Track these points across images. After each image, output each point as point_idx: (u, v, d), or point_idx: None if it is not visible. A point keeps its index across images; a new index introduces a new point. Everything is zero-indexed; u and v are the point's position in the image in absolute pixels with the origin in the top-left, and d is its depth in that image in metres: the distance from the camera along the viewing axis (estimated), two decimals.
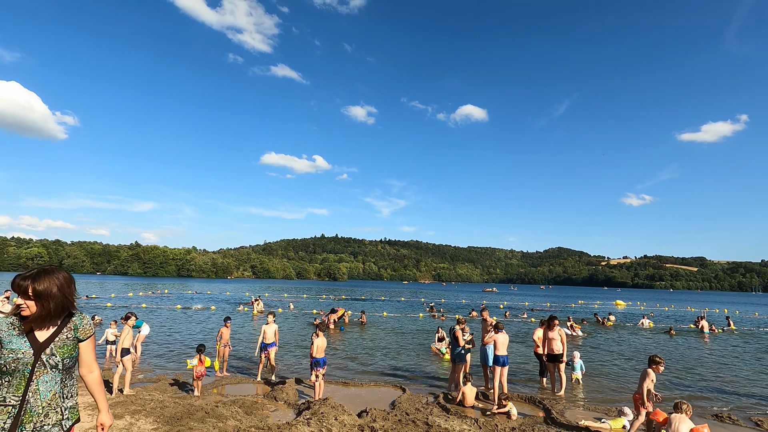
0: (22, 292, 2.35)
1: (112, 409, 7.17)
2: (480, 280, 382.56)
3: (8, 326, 2.38)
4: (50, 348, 2.40)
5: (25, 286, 2.35)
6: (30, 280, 2.37)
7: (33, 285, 2.36)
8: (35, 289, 2.36)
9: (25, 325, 2.38)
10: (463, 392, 8.81)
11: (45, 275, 2.41)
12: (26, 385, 2.31)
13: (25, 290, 2.36)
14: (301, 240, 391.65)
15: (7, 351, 2.30)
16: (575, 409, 8.75)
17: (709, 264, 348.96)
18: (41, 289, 2.37)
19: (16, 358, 2.30)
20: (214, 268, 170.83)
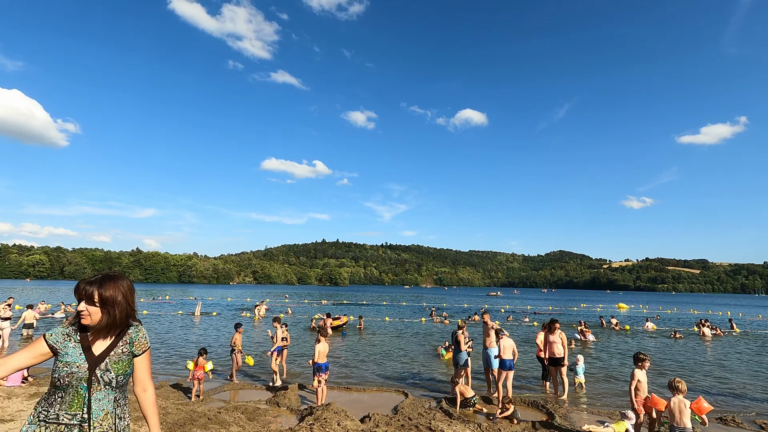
0: (88, 298, 2.12)
1: None
2: (481, 284, 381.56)
3: (64, 337, 2.13)
4: (105, 363, 2.14)
5: (90, 291, 2.12)
6: (96, 286, 2.14)
7: (99, 291, 2.13)
8: (102, 296, 2.13)
9: (83, 338, 2.15)
10: (459, 391, 8.81)
11: (110, 281, 2.20)
12: (81, 403, 2.07)
13: (91, 296, 2.12)
14: (302, 245, 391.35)
15: (62, 363, 2.07)
16: (578, 413, 8.71)
17: (712, 266, 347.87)
18: (108, 296, 2.15)
19: (71, 372, 2.06)
20: (216, 274, 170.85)
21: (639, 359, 6.97)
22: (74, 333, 2.15)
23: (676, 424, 5.82)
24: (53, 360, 2.11)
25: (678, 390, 5.99)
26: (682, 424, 5.79)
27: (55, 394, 2.07)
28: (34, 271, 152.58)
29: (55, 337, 2.11)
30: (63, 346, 2.10)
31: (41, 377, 10.49)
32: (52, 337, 2.11)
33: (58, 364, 2.07)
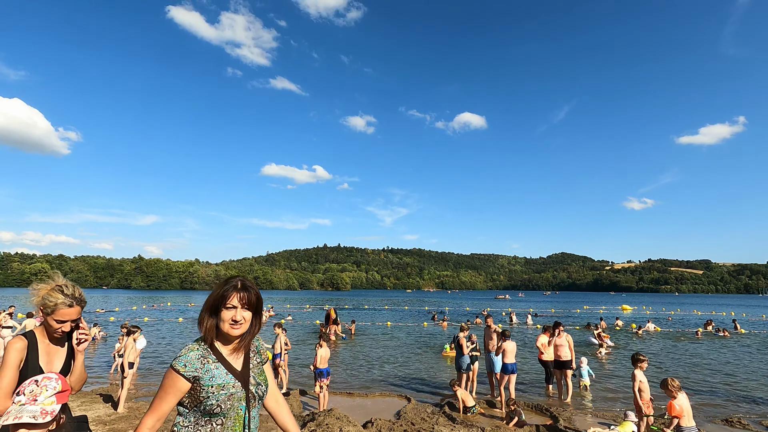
0: (249, 303, 1.86)
1: (114, 424, 7.14)
2: (484, 287, 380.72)
3: (200, 360, 1.79)
4: (252, 376, 1.92)
5: (252, 296, 1.87)
6: (253, 290, 1.89)
7: (257, 295, 1.90)
8: (258, 300, 1.90)
9: (218, 354, 1.85)
10: (460, 398, 8.76)
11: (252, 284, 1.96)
12: (242, 425, 1.84)
13: (251, 299, 1.87)
14: (303, 250, 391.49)
15: (214, 388, 1.76)
16: (583, 416, 8.64)
17: (715, 267, 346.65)
18: (260, 301, 1.92)
19: (230, 393, 1.79)
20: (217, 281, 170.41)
21: (638, 360, 6.99)
22: (208, 352, 1.83)
23: (684, 425, 5.77)
24: (192, 390, 1.77)
25: (680, 389, 5.96)
26: (691, 423, 5.77)
27: (212, 422, 1.78)
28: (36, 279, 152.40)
29: (191, 365, 1.76)
30: (205, 370, 1.78)
31: None
32: (187, 368, 1.75)
33: (209, 390, 1.75)
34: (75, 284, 2.43)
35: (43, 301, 2.31)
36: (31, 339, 2.37)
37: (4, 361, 2.23)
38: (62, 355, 2.45)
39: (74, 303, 2.37)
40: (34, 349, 2.34)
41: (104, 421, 7.25)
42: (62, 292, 2.33)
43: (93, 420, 7.24)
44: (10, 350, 2.27)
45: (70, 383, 2.44)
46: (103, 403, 8.59)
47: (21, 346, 2.31)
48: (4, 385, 2.21)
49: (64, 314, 2.33)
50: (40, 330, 2.42)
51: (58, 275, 2.45)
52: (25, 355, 2.30)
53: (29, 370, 2.29)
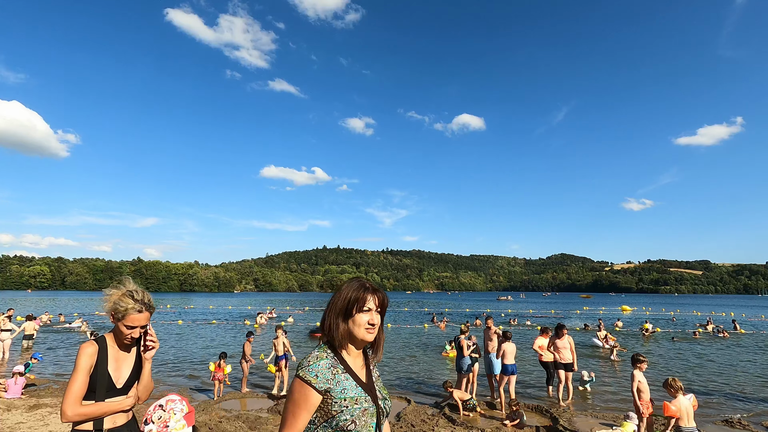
0: (381, 304, 1.68)
1: None
2: (483, 288, 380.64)
3: (330, 369, 1.55)
4: (378, 389, 1.69)
5: (383, 298, 1.69)
6: (382, 291, 1.72)
7: (385, 296, 1.72)
8: (386, 303, 1.71)
9: (353, 359, 1.66)
10: (457, 399, 8.74)
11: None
12: None
13: (384, 302, 1.69)
14: (303, 252, 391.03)
15: (348, 401, 1.52)
16: (583, 418, 8.63)
17: (714, 267, 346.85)
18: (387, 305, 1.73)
19: (364, 408, 1.55)
20: (217, 282, 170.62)
21: (637, 361, 7.00)
22: (336, 361, 1.59)
23: (683, 425, 5.77)
24: (322, 403, 1.52)
25: (681, 390, 5.94)
26: (691, 424, 5.76)
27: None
28: (36, 282, 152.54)
29: (323, 375, 1.52)
30: (336, 381, 1.53)
31: (41, 388, 10.43)
32: (319, 378, 1.51)
33: (342, 403, 1.51)
34: (145, 290, 2.40)
35: (114, 306, 2.27)
36: (101, 344, 2.31)
37: (76, 365, 2.20)
38: (130, 362, 2.40)
39: (144, 308, 2.33)
40: (104, 355, 2.29)
41: None
42: (132, 298, 2.29)
43: None
44: (81, 354, 2.21)
45: (138, 392, 2.41)
46: None
47: (92, 350, 2.25)
48: (75, 389, 2.15)
49: (134, 320, 2.29)
50: (110, 336, 2.37)
51: (129, 280, 2.42)
52: (95, 361, 2.24)
53: (98, 376, 2.24)
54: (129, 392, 2.37)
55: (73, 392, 2.15)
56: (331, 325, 1.64)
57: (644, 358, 7.06)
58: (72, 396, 2.14)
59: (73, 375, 2.19)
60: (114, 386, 2.29)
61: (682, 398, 5.87)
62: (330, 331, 1.64)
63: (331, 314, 1.65)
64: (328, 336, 1.65)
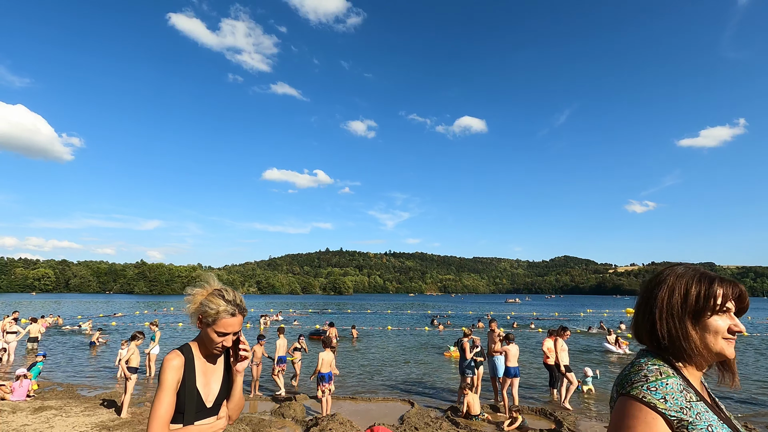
0: (739, 300, 1.25)
1: (118, 429, 7.13)
2: (486, 290, 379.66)
3: (682, 393, 1.09)
4: (738, 426, 1.25)
5: (740, 290, 1.25)
6: None
7: None
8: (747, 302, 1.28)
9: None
10: (467, 403, 8.71)
11: None
12: None
13: (742, 297, 1.25)
14: (305, 254, 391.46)
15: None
16: (587, 421, 8.59)
17: (719, 269, 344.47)
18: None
19: None
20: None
21: None
22: (685, 382, 1.14)
23: None
24: None
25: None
26: None
27: None
28: (40, 284, 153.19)
29: (674, 401, 1.06)
30: (695, 413, 1.07)
31: (46, 390, 10.47)
32: (668, 404, 1.06)
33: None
34: (234, 288, 2.03)
35: (202, 308, 1.90)
36: (187, 355, 1.90)
37: (161, 381, 1.80)
38: (219, 375, 1.98)
39: (237, 311, 1.93)
40: (191, 368, 1.89)
41: (108, 426, 7.25)
42: (223, 298, 1.92)
43: (96, 425, 7.25)
44: (167, 368, 1.81)
45: (228, 411, 2.01)
46: (107, 408, 8.59)
47: (178, 363, 1.84)
48: (162, 412, 1.75)
49: (226, 325, 1.89)
50: (195, 344, 1.96)
51: (213, 278, 2.06)
52: (182, 375, 1.84)
53: (186, 393, 1.84)
54: (219, 412, 1.96)
55: (160, 415, 1.74)
56: (674, 331, 1.16)
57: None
58: (159, 420, 1.73)
59: (158, 394, 1.78)
60: (204, 405, 1.89)
61: None
62: (672, 341, 1.16)
63: (668, 317, 1.17)
64: (664, 348, 1.18)
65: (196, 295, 1.96)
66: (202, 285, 2.00)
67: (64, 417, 7.73)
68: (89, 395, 10.20)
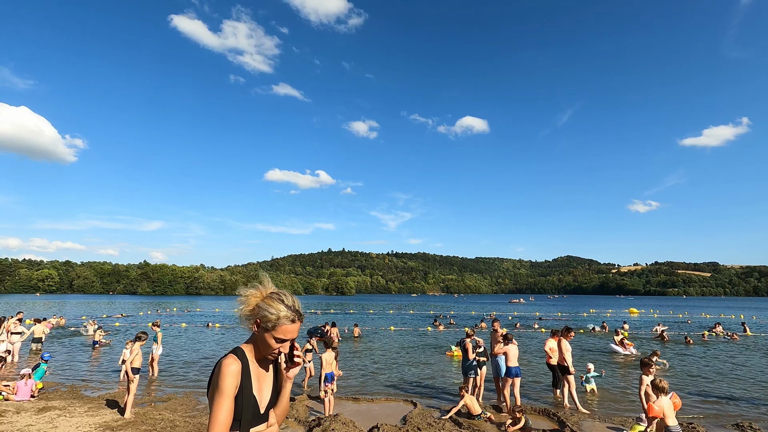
0: None
1: (122, 429, 7.15)
2: (489, 290, 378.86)
3: None
4: None
5: None
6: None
7: None
8: None
9: None
10: (465, 405, 8.69)
11: None
12: None
13: None
14: (308, 255, 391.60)
15: None
16: (591, 421, 8.56)
17: (723, 269, 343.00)
18: None
19: None
20: (223, 286, 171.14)
21: (645, 364, 7.06)
22: None
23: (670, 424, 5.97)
24: None
25: (665, 391, 6.11)
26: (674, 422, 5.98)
27: None
28: (44, 285, 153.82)
29: None
30: None
31: (50, 391, 10.51)
32: None
33: None
34: (291, 292, 1.96)
35: (259, 312, 1.84)
36: (243, 359, 1.84)
37: (219, 388, 1.71)
38: (270, 381, 1.94)
39: (296, 318, 1.88)
40: (247, 374, 1.83)
41: (111, 426, 7.27)
42: (284, 303, 1.86)
43: (100, 426, 7.27)
44: (226, 374, 1.73)
45: (276, 416, 1.97)
46: (110, 408, 8.61)
47: (237, 369, 1.78)
48: (222, 419, 1.68)
49: (286, 331, 1.84)
50: (249, 348, 1.90)
51: (267, 278, 1.98)
52: (240, 381, 1.78)
53: (244, 399, 1.78)
54: (269, 419, 1.92)
55: (221, 422, 1.68)
56: None
57: (650, 360, 7.13)
58: (220, 427, 1.67)
59: (216, 401, 1.70)
60: (258, 412, 1.84)
61: (663, 399, 6.04)
62: None
63: None
64: None
65: (251, 297, 1.89)
66: (257, 286, 1.93)
67: (68, 417, 7.76)
68: (93, 395, 10.23)
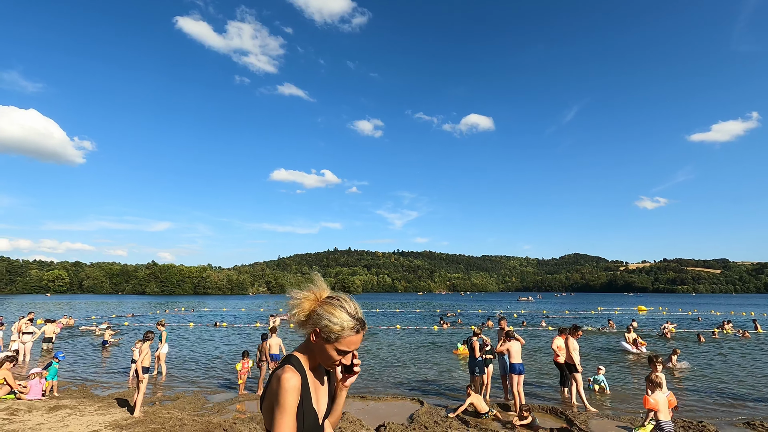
0: None
1: (131, 428, 7.22)
2: (496, 289, 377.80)
3: None
4: None
5: None
6: None
7: None
8: None
9: None
10: (472, 403, 8.68)
11: None
12: None
13: None
14: (314, 254, 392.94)
15: None
16: (599, 419, 8.50)
17: (733, 266, 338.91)
18: None
19: None
20: (230, 285, 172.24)
21: (653, 361, 7.11)
22: None
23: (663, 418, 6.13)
24: None
25: (660, 386, 6.28)
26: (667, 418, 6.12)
27: None
28: (54, 286, 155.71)
29: None
30: None
31: (61, 390, 10.65)
32: None
33: None
34: (350, 296, 1.74)
35: (319, 321, 1.63)
36: (300, 371, 1.66)
37: (281, 403, 1.54)
38: (325, 390, 1.79)
39: (360, 327, 1.67)
40: (306, 387, 1.66)
41: (121, 425, 7.35)
42: (347, 312, 1.65)
43: (110, 424, 7.35)
44: (288, 389, 1.55)
45: (330, 426, 1.83)
46: (120, 407, 8.70)
47: (297, 383, 1.59)
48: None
49: (350, 343, 1.64)
50: (304, 358, 1.71)
51: (320, 279, 1.79)
52: (300, 395, 1.61)
53: (305, 414, 1.61)
54: (325, 429, 1.78)
55: None
56: None
57: (656, 358, 7.16)
58: None
59: (279, 419, 1.53)
60: (318, 425, 1.70)
61: (660, 393, 6.20)
62: None
63: None
64: None
65: (304, 301, 1.70)
66: (309, 288, 1.75)
67: (79, 416, 7.85)
68: (103, 394, 10.35)
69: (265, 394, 1.65)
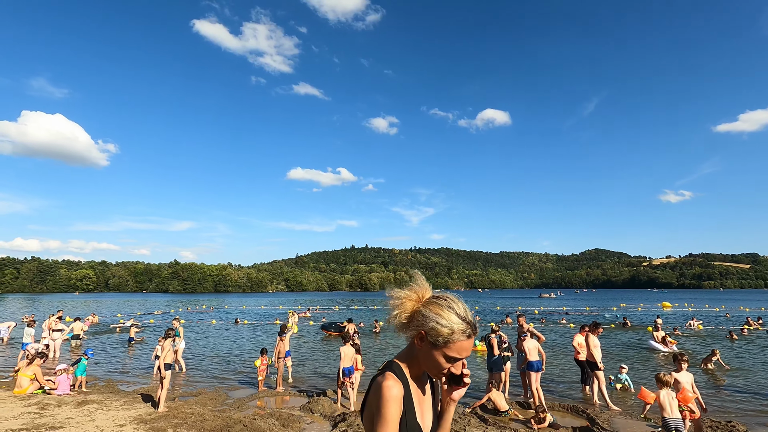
0: None
1: (155, 422, 7.41)
2: (514, 285, 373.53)
3: None
4: None
5: None
6: None
7: None
8: None
9: None
10: (491, 400, 8.60)
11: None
12: None
13: None
14: (331, 252, 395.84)
15: None
16: (622, 418, 8.31)
17: (763, 260, 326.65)
18: None
19: None
20: (249, 283, 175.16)
21: (678, 360, 7.00)
22: None
23: (667, 416, 6.14)
24: None
25: (665, 383, 6.33)
26: (674, 414, 6.11)
27: None
28: (82, 284, 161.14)
29: None
30: None
31: (88, 386, 11.00)
32: None
33: None
34: (458, 296, 1.53)
35: (425, 323, 1.46)
36: (402, 379, 1.48)
37: (382, 415, 1.38)
38: (430, 402, 1.60)
39: (472, 332, 1.48)
40: (409, 397, 1.49)
41: (145, 420, 7.54)
42: (456, 314, 1.46)
43: (134, 419, 7.55)
44: (389, 400, 1.39)
45: None
46: (144, 402, 8.94)
47: (399, 393, 1.42)
48: None
49: (461, 349, 1.45)
50: (405, 365, 1.54)
51: (421, 278, 1.60)
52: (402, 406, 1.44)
53: (409, 429, 1.45)
54: None
55: None
56: None
57: (682, 356, 6.98)
58: None
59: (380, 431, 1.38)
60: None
61: (664, 392, 6.27)
62: None
63: None
64: None
65: (406, 301, 1.53)
66: (411, 287, 1.57)
67: (105, 411, 8.10)
68: (128, 390, 10.65)
69: (365, 404, 1.49)
